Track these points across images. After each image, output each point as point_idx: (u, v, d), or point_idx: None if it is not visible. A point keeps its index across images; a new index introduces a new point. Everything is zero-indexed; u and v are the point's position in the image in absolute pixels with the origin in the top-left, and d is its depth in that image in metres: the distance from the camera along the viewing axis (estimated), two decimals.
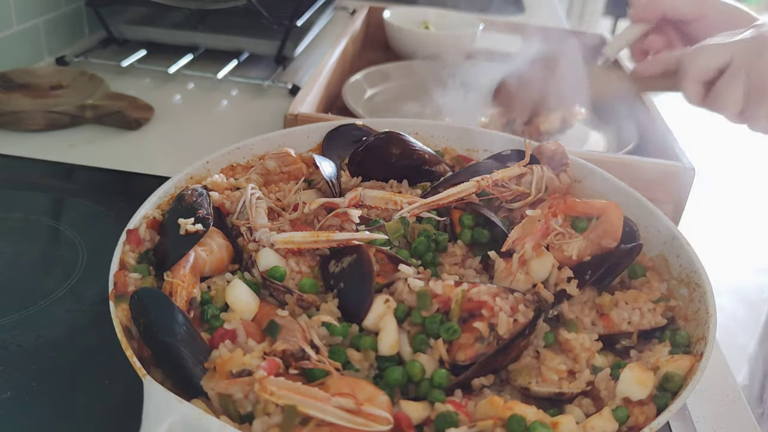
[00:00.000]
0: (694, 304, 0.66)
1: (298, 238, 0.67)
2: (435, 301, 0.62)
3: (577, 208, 0.70)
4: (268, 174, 0.81)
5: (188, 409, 0.50)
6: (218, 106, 1.38)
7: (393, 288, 0.64)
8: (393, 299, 0.62)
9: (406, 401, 0.56)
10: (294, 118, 1.06)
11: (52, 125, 1.20)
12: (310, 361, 0.56)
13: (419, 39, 1.57)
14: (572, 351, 0.62)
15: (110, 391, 0.69)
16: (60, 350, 0.73)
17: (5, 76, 1.29)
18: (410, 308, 0.62)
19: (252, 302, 0.63)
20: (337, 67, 1.36)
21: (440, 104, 1.23)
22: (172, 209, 0.71)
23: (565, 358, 0.62)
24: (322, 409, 0.51)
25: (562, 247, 0.68)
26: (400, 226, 0.70)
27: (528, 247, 0.66)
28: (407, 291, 0.63)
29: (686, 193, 1.00)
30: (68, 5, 1.53)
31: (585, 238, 0.68)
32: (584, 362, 0.61)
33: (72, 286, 0.83)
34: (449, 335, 0.60)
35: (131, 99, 1.27)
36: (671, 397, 0.57)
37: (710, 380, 0.76)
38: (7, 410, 0.66)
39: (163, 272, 0.64)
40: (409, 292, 0.63)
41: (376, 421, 0.52)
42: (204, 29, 1.55)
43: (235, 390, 0.53)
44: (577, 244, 0.68)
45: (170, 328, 0.57)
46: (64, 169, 1.10)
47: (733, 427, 0.72)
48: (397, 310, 0.62)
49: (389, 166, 0.81)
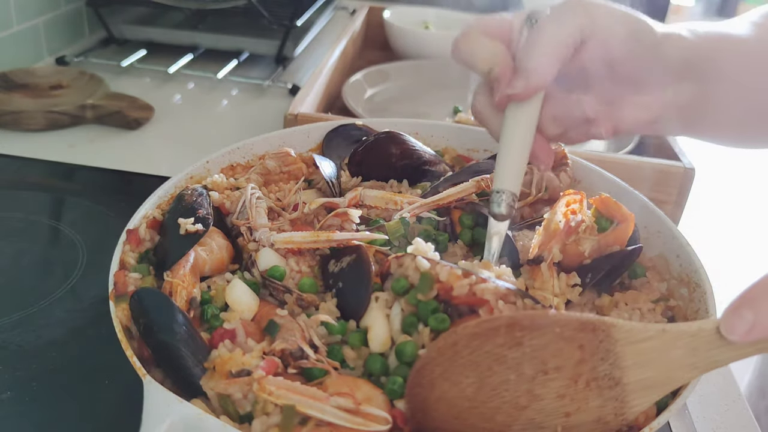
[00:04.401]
0: (694, 304, 0.66)
1: (298, 238, 0.67)
2: (437, 286, 0.60)
3: (610, 207, 0.69)
4: (268, 174, 0.81)
5: (188, 409, 0.50)
6: (218, 106, 1.38)
7: (401, 260, 0.62)
8: (389, 296, 0.62)
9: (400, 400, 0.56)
10: (294, 118, 1.06)
11: (52, 125, 1.20)
12: (308, 360, 0.56)
13: (419, 39, 1.57)
14: None
15: (110, 391, 0.69)
16: (60, 350, 0.73)
17: (5, 76, 1.29)
18: (411, 286, 0.61)
19: (252, 302, 0.63)
20: (337, 67, 1.36)
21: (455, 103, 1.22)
22: (172, 209, 0.71)
23: None
24: (320, 409, 0.51)
25: (580, 241, 0.67)
26: (400, 226, 0.70)
27: (555, 250, 0.66)
28: (413, 268, 0.61)
29: (686, 193, 1.00)
30: (68, 5, 1.53)
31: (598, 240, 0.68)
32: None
33: (72, 286, 0.83)
34: (437, 324, 0.59)
35: (131, 99, 1.27)
36: (671, 397, 0.56)
37: (710, 380, 0.76)
38: (7, 410, 0.66)
39: (163, 272, 0.64)
40: (414, 270, 0.61)
41: (374, 420, 0.52)
42: (204, 29, 1.55)
43: (235, 390, 0.53)
44: (592, 243, 0.67)
45: (170, 328, 0.57)
46: (64, 169, 1.10)
47: (733, 427, 0.72)
48: (398, 283, 0.60)
49: (389, 166, 0.81)
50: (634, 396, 0.51)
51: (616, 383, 0.51)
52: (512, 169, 0.66)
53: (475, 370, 0.52)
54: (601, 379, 0.51)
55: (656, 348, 0.50)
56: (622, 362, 0.50)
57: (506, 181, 0.65)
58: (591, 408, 0.51)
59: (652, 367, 0.50)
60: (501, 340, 0.51)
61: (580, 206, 0.69)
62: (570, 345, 0.50)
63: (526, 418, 0.51)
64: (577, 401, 0.51)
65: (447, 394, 0.52)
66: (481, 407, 0.52)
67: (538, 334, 0.50)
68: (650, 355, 0.50)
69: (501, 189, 0.65)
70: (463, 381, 0.52)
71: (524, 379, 0.51)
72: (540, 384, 0.51)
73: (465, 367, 0.52)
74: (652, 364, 0.50)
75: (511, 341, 0.51)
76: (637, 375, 0.50)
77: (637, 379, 0.51)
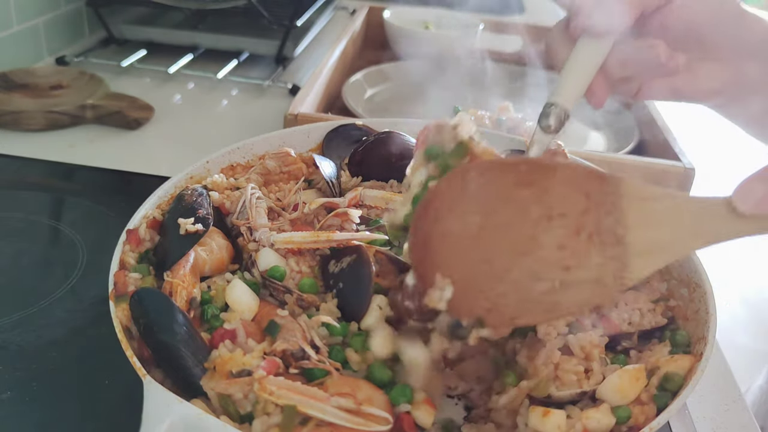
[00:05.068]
0: (694, 304, 0.66)
1: (298, 238, 0.67)
2: (469, 157, 0.58)
3: None
4: (268, 174, 0.81)
5: (188, 409, 0.50)
6: (218, 106, 1.38)
7: (441, 128, 0.60)
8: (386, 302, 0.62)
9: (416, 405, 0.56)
10: (294, 118, 1.06)
11: (52, 125, 1.20)
12: (309, 360, 0.56)
13: (419, 39, 1.57)
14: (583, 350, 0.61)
15: (110, 391, 0.69)
16: (60, 350, 0.73)
17: (5, 76, 1.29)
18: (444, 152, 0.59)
19: (252, 302, 0.63)
20: (337, 67, 1.36)
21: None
22: (172, 209, 0.71)
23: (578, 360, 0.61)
24: (321, 409, 0.51)
25: None
26: None
27: None
28: (451, 138, 0.59)
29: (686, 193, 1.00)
30: (68, 5, 1.53)
31: None
32: (597, 357, 0.61)
33: (72, 286, 0.83)
34: None
35: (131, 99, 1.27)
36: (671, 397, 0.56)
37: (710, 380, 0.76)
38: (7, 410, 0.66)
39: (163, 272, 0.64)
40: (452, 140, 0.59)
41: (375, 421, 0.52)
42: (204, 29, 1.55)
43: (235, 390, 0.53)
44: None
45: (170, 328, 0.57)
46: (64, 169, 1.10)
47: (733, 427, 0.72)
48: (432, 149, 0.59)
49: (389, 166, 0.81)
50: (635, 260, 0.50)
51: (618, 241, 0.49)
52: (570, 87, 0.66)
53: (481, 207, 0.51)
54: (604, 233, 0.49)
55: (663, 210, 0.49)
56: (626, 219, 0.49)
57: (562, 95, 0.65)
58: (591, 266, 0.50)
59: (656, 229, 0.49)
60: (512, 178, 0.50)
61: None
62: (577, 192, 0.49)
63: (526, 267, 0.51)
64: (577, 255, 0.50)
65: (450, 229, 0.52)
66: (482, 248, 0.51)
67: (550, 175, 0.49)
68: (656, 216, 0.49)
69: (555, 102, 0.65)
70: (467, 218, 0.51)
71: (528, 223, 0.50)
72: (543, 231, 0.50)
73: (472, 201, 0.51)
74: (657, 226, 0.49)
75: (522, 180, 0.50)
76: (641, 236, 0.49)
77: (640, 241, 0.49)
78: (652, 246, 0.49)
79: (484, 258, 0.52)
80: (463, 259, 0.52)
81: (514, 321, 0.53)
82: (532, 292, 0.51)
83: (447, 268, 0.53)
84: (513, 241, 0.50)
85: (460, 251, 0.52)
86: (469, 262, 0.52)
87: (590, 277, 0.50)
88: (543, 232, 0.50)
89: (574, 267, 0.50)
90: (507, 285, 0.52)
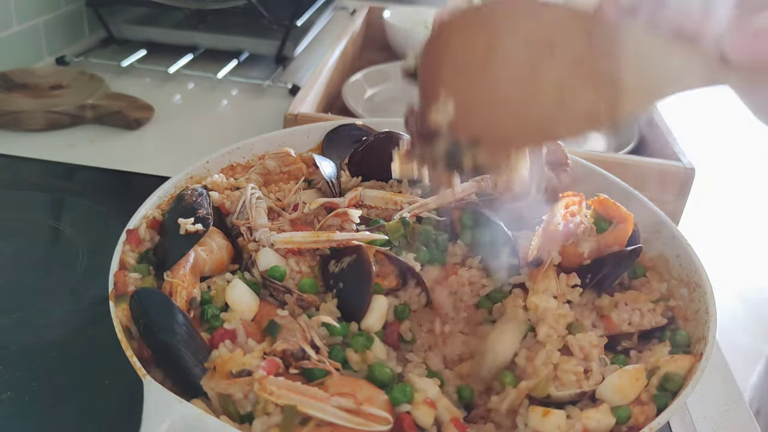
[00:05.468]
0: (694, 304, 0.66)
1: (298, 238, 0.67)
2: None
3: (609, 208, 0.69)
4: (268, 174, 0.81)
5: (188, 409, 0.50)
6: (218, 106, 1.38)
7: None
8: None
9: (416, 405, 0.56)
10: (294, 118, 1.06)
11: (52, 125, 1.20)
12: (310, 360, 0.56)
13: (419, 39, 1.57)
14: (582, 350, 0.61)
15: (110, 391, 0.69)
16: (60, 350, 0.73)
17: (5, 76, 1.29)
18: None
19: (252, 302, 0.63)
20: (337, 67, 1.36)
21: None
22: (172, 209, 0.71)
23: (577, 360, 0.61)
24: (321, 409, 0.51)
25: (579, 243, 0.67)
26: (400, 226, 0.70)
27: (555, 254, 0.66)
28: None
29: (686, 193, 1.00)
30: (68, 5, 1.53)
31: (597, 241, 0.68)
32: (596, 357, 0.61)
33: (72, 286, 0.83)
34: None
35: (131, 99, 1.27)
36: (671, 397, 0.56)
37: (710, 380, 0.76)
38: (7, 410, 0.66)
39: (163, 272, 0.64)
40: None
41: (375, 420, 0.52)
42: (204, 29, 1.55)
43: (235, 390, 0.53)
44: (591, 244, 0.67)
45: (170, 328, 0.57)
46: (64, 169, 1.10)
47: (733, 427, 0.72)
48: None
49: (389, 166, 0.81)
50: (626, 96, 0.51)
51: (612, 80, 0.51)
52: None
53: (489, 32, 0.53)
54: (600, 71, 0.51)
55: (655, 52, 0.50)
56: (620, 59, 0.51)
57: None
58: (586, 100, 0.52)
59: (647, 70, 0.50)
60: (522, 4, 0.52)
61: (579, 207, 0.69)
62: (580, 30, 0.51)
63: (525, 92, 0.53)
64: (573, 90, 0.52)
65: (458, 52, 0.54)
66: (486, 73, 0.54)
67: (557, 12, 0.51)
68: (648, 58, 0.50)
69: None
70: (475, 41, 0.53)
71: (531, 53, 0.52)
72: (544, 61, 0.52)
73: (480, 26, 0.53)
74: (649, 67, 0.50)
75: (530, 10, 0.52)
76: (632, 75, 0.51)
77: (632, 80, 0.51)
78: (642, 85, 0.51)
79: (486, 81, 0.54)
80: (466, 80, 0.55)
81: (509, 142, 0.56)
82: (529, 117, 0.54)
83: (451, 87, 0.56)
84: (515, 68, 0.53)
85: (466, 75, 0.55)
86: (471, 83, 0.55)
87: (584, 109, 0.53)
88: (544, 62, 0.52)
89: (569, 100, 0.53)
90: (505, 108, 0.54)
